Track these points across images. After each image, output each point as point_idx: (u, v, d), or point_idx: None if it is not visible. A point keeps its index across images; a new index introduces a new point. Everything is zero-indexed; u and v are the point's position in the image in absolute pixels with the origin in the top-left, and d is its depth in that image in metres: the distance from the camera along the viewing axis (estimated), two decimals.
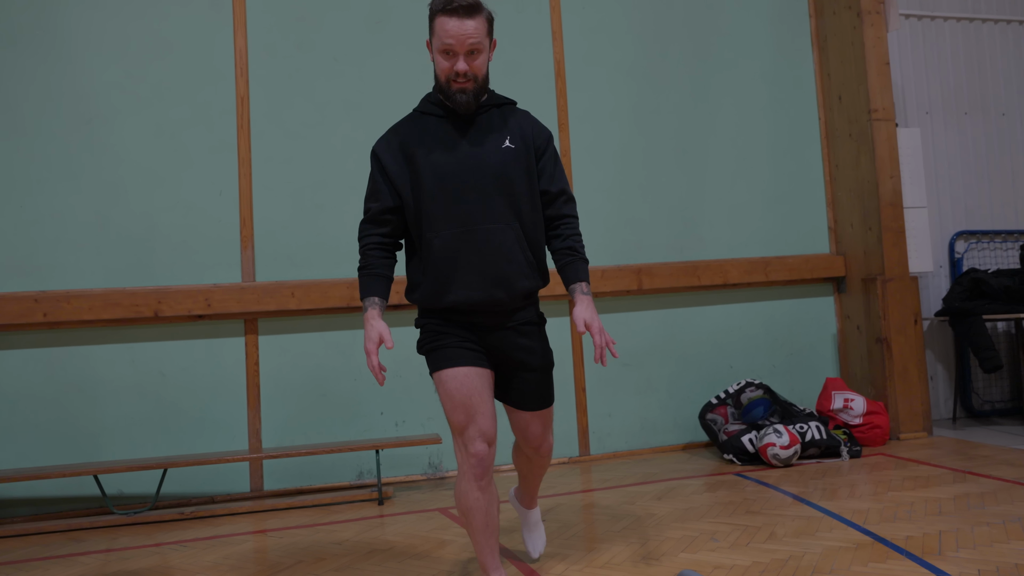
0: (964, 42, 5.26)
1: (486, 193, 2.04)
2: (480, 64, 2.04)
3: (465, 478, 2.03)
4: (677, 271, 4.41)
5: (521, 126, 2.13)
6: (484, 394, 2.08)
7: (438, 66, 2.04)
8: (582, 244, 2.17)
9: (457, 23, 1.98)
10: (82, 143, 3.70)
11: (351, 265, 3.96)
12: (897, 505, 2.96)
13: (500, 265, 2.05)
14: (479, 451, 2.01)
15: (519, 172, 2.08)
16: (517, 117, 2.15)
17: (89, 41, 3.74)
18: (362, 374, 3.97)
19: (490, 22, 2.06)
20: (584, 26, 4.45)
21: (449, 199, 2.04)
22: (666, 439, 4.43)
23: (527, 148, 2.11)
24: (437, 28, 2.01)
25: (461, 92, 2.04)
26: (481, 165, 2.05)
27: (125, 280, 3.71)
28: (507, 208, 2.06)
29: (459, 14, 1.98)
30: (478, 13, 2.01)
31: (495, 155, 2.07)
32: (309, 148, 4.00)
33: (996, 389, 5.10)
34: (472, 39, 2.00)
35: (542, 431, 2.24)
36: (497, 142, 2.08)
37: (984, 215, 5.21)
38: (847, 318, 4.67)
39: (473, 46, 2.00)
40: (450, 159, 2.05)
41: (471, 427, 2.02)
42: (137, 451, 3.65)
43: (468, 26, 1.98)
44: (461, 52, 2.00)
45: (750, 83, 4.72)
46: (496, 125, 2.11)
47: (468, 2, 1.99)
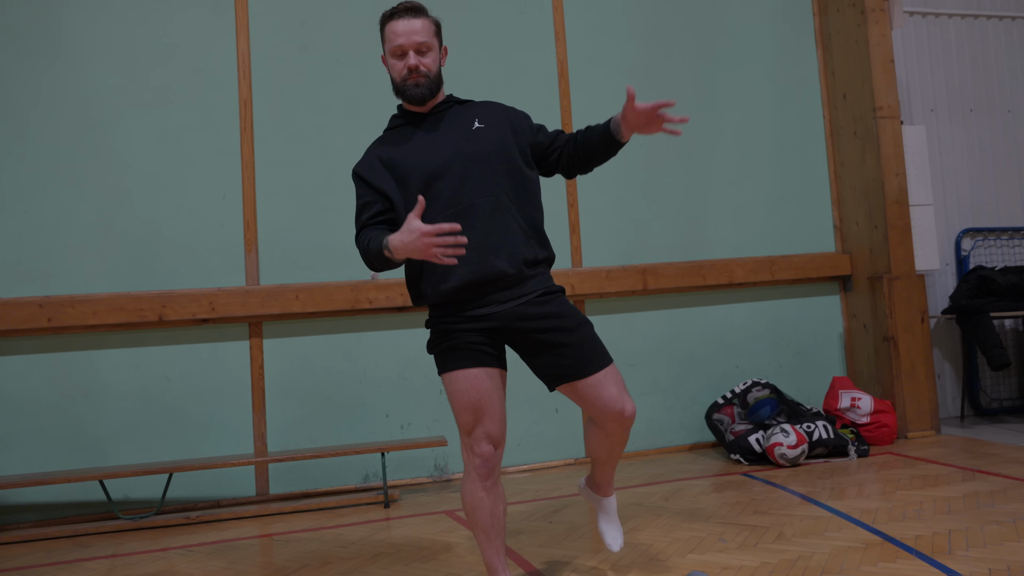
0: (969, 39, 5.24)
1: (465, 172, 2.06)
2: (431, 62, 2.10)
3: (471, 478, 2.04)
4: (682, 271, 4.39)
5: (492, 109, 2.19)
6: (492, 395, 2.05)
7: (392, 70, 2.12)
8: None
9: (404, 23, 2.07)
10: (86, 148, 3.71)
11: (355, 268, 3.98)
12: (906, 504, 2.94)
13: (495, 236, 2.01)
14: (484, 452, 2.02)
15: (494, 146, 2.10)
16: (483, 106, 2.21)
17: (93, 46, 3.75)
18: (367, 376, 3.97)
19: (437, 26, 2.14)
20: (587, 27, 4.44)
21: (431, 187, 2.05)
22: (672, 439, 4.41)
23: (498, 125, 2.14)
24: (387, 34, 2.10)
25: (415, 86, 2.09)
26: (456, 150, 2.09)
27: (130, 285, 3.71)
28: (489, 180, 2.06)
29: (405, 15, 2.09)
30: (423, 14, 2.11)
31: (466, 137, 2.11)
32: (312, 151, 4.00)
33: (1004, 387, 5.07)
34: (419, 35, 2.08)
35: (617, 392, 2.03)
36: (466, 126, 2.14)
37: (991, 212, 5.18)
38: (853, 317, 4.65)
39: (421, 44, 2.08)
40: (425, 152, 2.10)
41: (477, 428, 2.02)
42: (142, 456, 3.65)
43: (415, 24, 2.08)
44: (410, 48, 2.07)
45: (754, 82, 4.71)
46: (462, 114, 2.17)
47: (412, 4, 2.10)
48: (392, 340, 4.01)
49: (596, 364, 2.03)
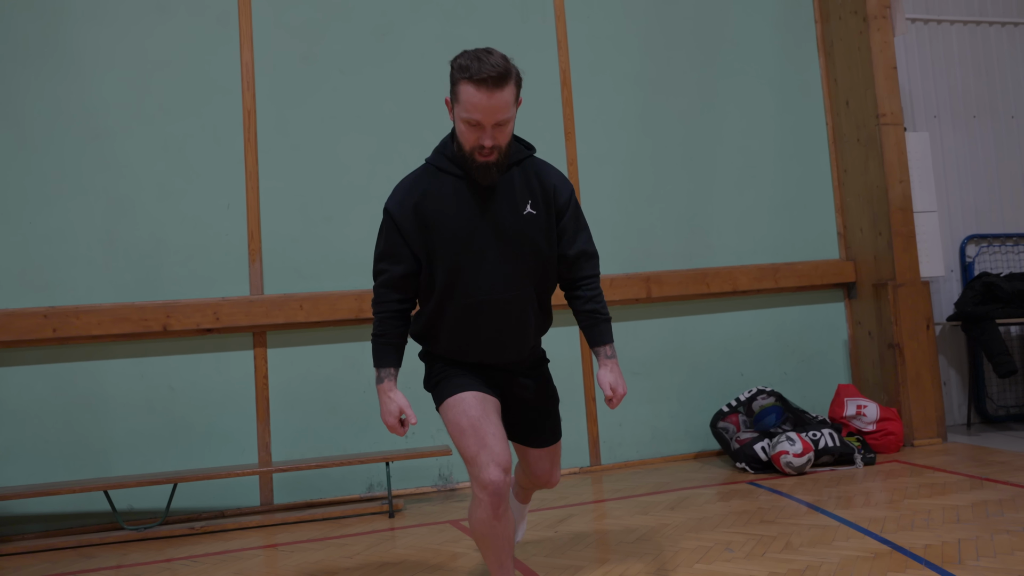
0: (971, 45, 5.24)
1: (504, 263, 1.98)
2: (506, 134, 1.91)
3: (481, 507, 1.91)
4: (686, 279, 4.39)
5: (543, 185, 2.02)
6: (493, 418, 2.02)
7: (461, 134, 1.91)
8: (604, 303, 2.12)
9: (485, 97, 1.81)
10: (91, 159, 3.72)
11: (359, 277, 3.98)
12: (914, 513, 2.92)
13: (509, 334, 2.06)
14: (495, 479, 1.88)
15: (539, 239, 2.01)
16: (539, 174, 2.04)
17: (96, 57, 3.76)
18: (371, 386, 3.95)
19: (519, 84, 1.90)
20: (590, 34, 4.45)
21: (466, 269, 1.97)
22: (677, 448, 4.39)
23: (548, 211, 2.02)
24: (461, 96, 1.85)
25: (485, 166, 1.91)
26: (500, 234, 1.97)
27: (134, 295, 3.71)
28: (525, 277, 2.01)
29: (487, 86, 1.81)
30: (507, 82, 1.84)
31: (516, 223, 1.98)
32: (316, 160, 4.01)
33: (1010, 394, 5.05)
34: (502, 113, 1.85)
35: (550, 467, 2.29)
36: (518, 208, 1.98)
37: (995, 219, 5.17)
38: (858, 324, 4.64)
39: (501, 118, 1.86)
40: (467, 226, 1.96)
41: (483, 453, 1.91)
42: (147, 466, 3.64)
43: (497, 99, 1.83)
44: (488, 125, 1.85)
45: (756, 89, 4.71)
46: (518, 187, 1.99)
47: (497, 71, 1.81)
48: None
49: (545, 441, 2.22)
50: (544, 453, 2.25)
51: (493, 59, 1.82)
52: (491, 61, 1.81)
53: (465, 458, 1.97)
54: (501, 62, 1.83)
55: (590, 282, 2.12)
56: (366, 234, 4.01)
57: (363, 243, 4.00)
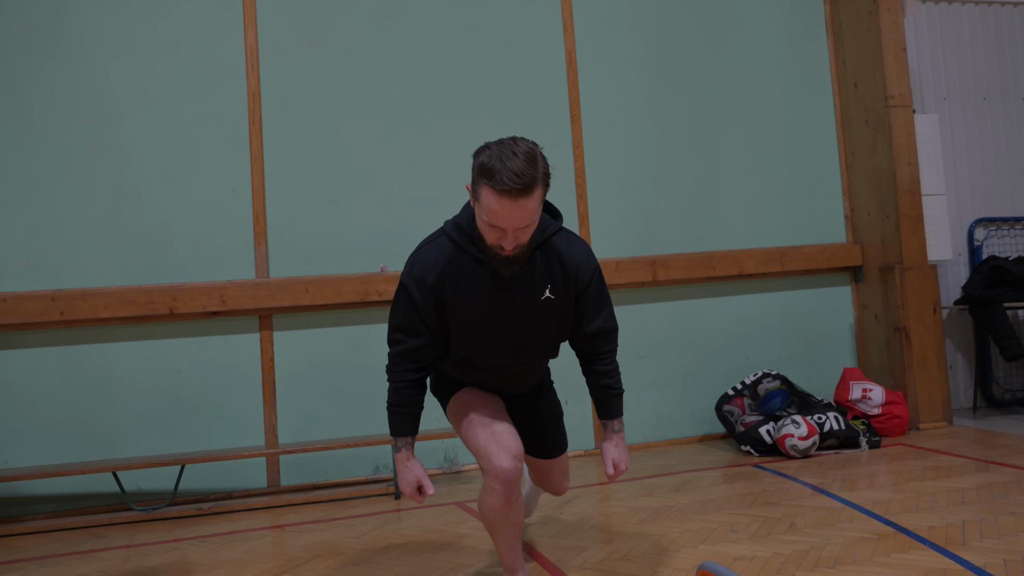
0: (982, 26, 5.18)
1: (517, 344, 1.98)
2: (529, 232, 1.79)
3: (493, 495, 1.90)
4: (692, 262, 4.37)
5: (564, 268, 1.94)
6: (502, 411, 2.05)
7: (481, 229, 1.80)
8: (618, 377, 2.12)
9: (508, 205, 1.68)
10: (96, 143, 3.72)
11: (364, 260, 3.99)
12: (919, 495, 2.92)
13: (519, 380, 2.14)
14: (506, 467, 1.87)
15: (555, 322, 1.99)
16: (561, 255, 1.94)
17: (100, 41, 3.75)
18: (377, 369, 3.97)
19: (546, 184, 1.75)
20: (595, 17, 4.41)
21: (478, 349, 1.97)
22: (683, 431, 4.40)
23: (567, 293, 1.97)
24: (482, 198, 1.72)
25: (506, 261, 1.82)
26: (516, 319, 1.94)
27: (140, 278, 3.72)
28: (535, 350, 2.04)
29: (511, 195, 1.67)
30: (533, 190, 1.69)
31: (533, 309, 1.94)
32: (321, 143, 4.00)
33: (1017, 378, 5.04)
34: (524, 221, 1.73)
35: (559, 478, 2.33)
36: (536, 293, 1.92)
37: (1004, 202, 5.13)
38: (864, 308, 4.62)
39: (527, 225, 1.76)
40: (484, 312, 1.92)
41: (493, 443, 1.90)
42: (154, 448, 3.67)
43: (522, 209, 1.70)
44: (510, 230, 1.74)
45: (763, 72, 4.67)
46: (538, 271, 1.92)
47: (524, 181, 1.66)
48: None
49: (554, 452, 2.27)
50: (553, 464, 2.29)
51: (518, 164, 1.66)
52: (516, 168, 1.66)
53: (474, 449, 1.95)
54: (527, 168, 1.67)
55: (606, 357, 2.10)
56: (371, 217, 4.02)
57: (368, 226, 4.01)
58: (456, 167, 4.16)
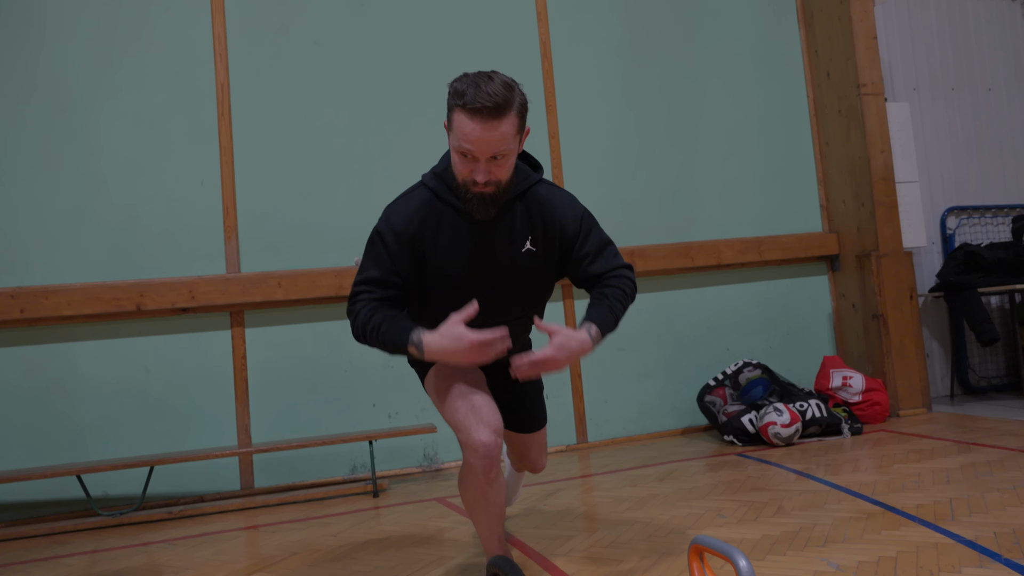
0: (949, 17, 5.24)
1: (496, 301, 1.88)
2: (504, 168, 1.70)
3: (472, 471, 1.83)
4: (671, 252, 4.35)
5: (545, 219, 1.85)
6: (481, 383, 1.97)
7: (454, 164, 1.73)
8: (620, 295, 1.87)
9: (479, 128, 1.61)
10: (58, 133, 3.58)
11: (338, 254, 3.89)
12: (904, 476, 2.90)
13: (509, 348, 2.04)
14: (485, 440, 1.79)
15: (536, 276, 1.90)
16: (542, 206, 1.85)
17: (66, 28, 3.62)
18: (353, 365, 3.88)
19: (522, 114, 1.68)
20: (568, 5, 4.38)
21: (456, 304, 1.84)
22: (664, 424, 4.36)
23: (550, 247, 1.88)
24: (455, 124, 1.66)
25: (479, 199, 1.72)
26: (495, 273, 1.85)
27: (106, 274, 3.59)
28: (516, 310, 1.94)
29: (482, 116, 1.60)
30: (507, 112, 1.63)
31: (513, 261, 1.85)
32: (293, 134, 3.90)
33: (991, 365, 5.08)
34: (497, 145, 1.64)
35: (537, 453, 2.30)
36: (516, 244, 1.83)
37: (974, 190, 5.19)
38: (842, 296, 4.63)
39: (498, 152, 1.66)
40: (461, 265, 1.83)
41: (472, 416, 1.83)
42: (122, 450, 3.53)
43: (493, 132, 1.62)
44: (482, 158, 1.66)
45: (738, 61, 4.68)
46: (518, 222, 1.83)
47: (496, 100, 1.60)
48: None
49: (533, 427, 2.23)
50: (531, 439, 2.26)
51: (492, 86, 1.61)
52: (489, 89, 1.61)
53: (453, 423, 1.88)
54: (500, 90, 1.62)
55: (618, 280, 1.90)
56: (344, 209, 3.93)
57: (342, 219, 3.92)
58: (431, 157, 4.09)
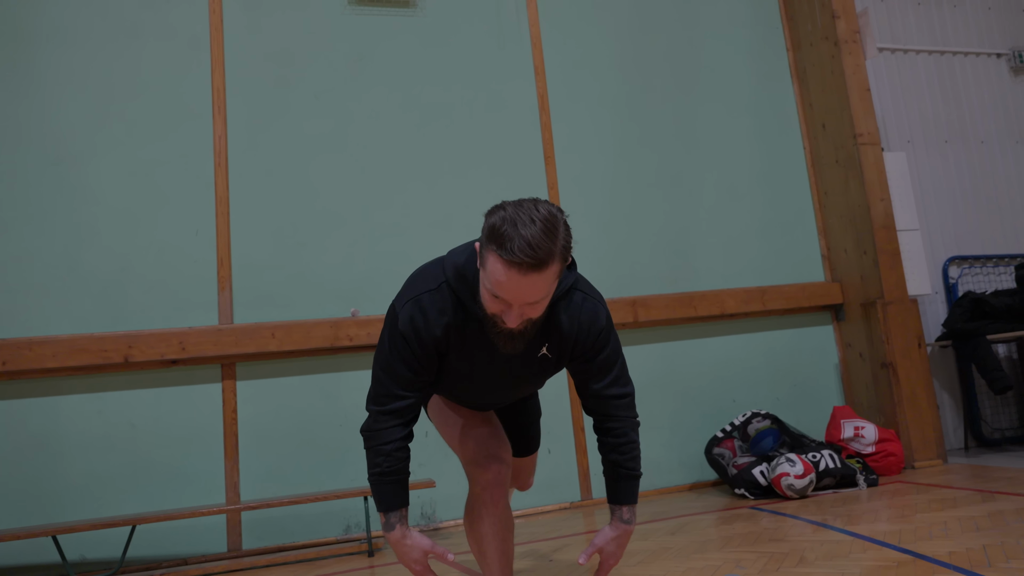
0: (938, 74, 5.35)
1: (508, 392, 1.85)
2: (540, 309, 1.52)
3: (480, 503, 1.74)
4: (673, 302, 4.27)
5: (562, 332, 1.69)
6: (490, 413, 1.91)
7: (483, 297, 1.53)
8: (633, 454, 1.77)
9: (517, 280, 1.41)
10: (52, 184, 3.55)
11: (335, 305, 3.81)
12: (930, 525, 2.74)
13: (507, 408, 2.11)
14: (494, 471, 1.71)
15: (549, 373, 1.80)
16: (561, 320, 1.68)
17: (63, 80, 3.64)
18: (348, 419, 3.73)
19: (564, 257, 1.47)
20: (566, 61, 4.45)
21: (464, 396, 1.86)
22: (671, 479, 4.19)
23: (562, 353, 1.74)
24: (488, 264, 1.45)
25: (508, 336, 1.55)
26: (508, 373, 1.76)
27: (94, 326, 3.49)
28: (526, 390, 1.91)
29: (521, 269, 1.40)
30: (548, 265, 1.42)
31: (527, 366, 1.74)
32: (290, 185, 3.88)
33: (1004, 416, 4.95)
34: (533, 297, 1.46)
35: (527, 475, 2.35)
36: (533, 351, 1.70)
37: (974, 241, 5.17)
38: (848, 346, 4.54)
39: (534, 301, 1.48)
40: (479, 368, 1.73)
41: (479, 447, 1.76)
42: (103, 511, 3.35)
43: (532, 285, 1.43)
44: (515, 304, 1.48)
45: (734, 116, 4.72)
46: (541, 331, 1.68)
47: (537, 256, 1.39)
48: None
49: (531, 449, 2.23)
50: (525, 462, 2.26)
51: (533, 233, 1.38)
52: (531, 238, 1.38)
53: (461, 454, 1.80)
54: (542, 240, 1.38)
55: (618, 428, 1.76)
56: (342, 260, 3.87)
57: (339, 269, 3.85)
58: (428, 210, 4.07)
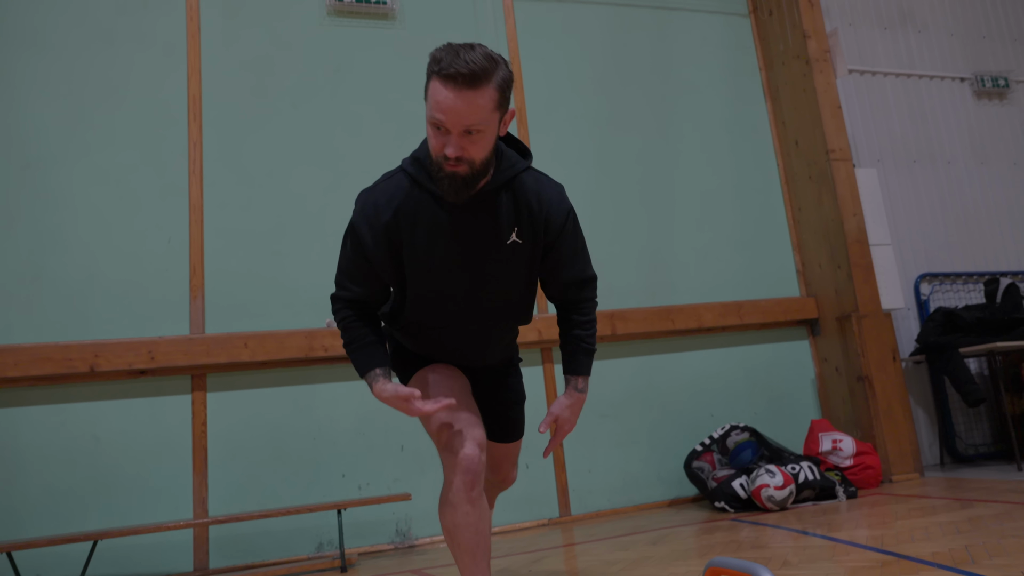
0: (905, 96, 5.48)
1: (480, 296, 1.78)
2: (479, 147, 1.56)
3: (453, 489, 1.69)
4: (651, 315, 4.26)
5: (532, 209, 1.72)
6: (467, 393, 1.86)
7: (428, 139, 1.61)
8: (593, 331, 1.88)
9: (452, 96, 1.49)
10: (19, 187, 3.47)
11: (311, 315, 3.74)
12: (911, 529, 2.73)
13: (484, 351, 1.96)
14: (470, 454, 1.68)
15: (521, 269, 1.78)
16: (529, 195, 1.72)
17: (34, 85, 3.58)
18: (321, 432, 3.65)
19: (502, 90, 1.56)
20: (545, 74, 4.48)
21: (439, 305, 1.77)
22: (651, 495, 4.14)
23: (535, 239, 1.75)
24: (429, 92, 1.54)
25: (451, 179, 1.58)
26: (478, 267, 1.73)
27: (59, 335, 3.38)
28: (502, 307, 1.83)
29: (457, 83, 1.48)
30: (483, 82, 1.50)
31: (498, 254, 1.73)
32: (265, 194, 3.83)
33: (977, 432, 4.99)
34: (469, 118, 1.51)
35: (511, 465, 2.22)
36: (502, 237, 1.71)
37: (944, 258, 5.26)
38: (824, 361, 4.56)
39: (472, 126, 1.53)
40: (443, 260, 1.71)
41: (455, 429, 1.72)
42: (64, 527, 3.21)
43: (466, 100, 1.49)
44: (454, 131, 1.53)
45: (709, 132, 4.79)
46: (504, 211, 1.70)
47: (472, 68, 1.49)
48: (349, 392, 3.72)
49: (513, 436, 2.13)
50: (508, 449, 2.17)
51: (472, 55, 1.51)
52: (468, 56, 1.50)
53: (436, 436, 1.76)
54: (480, 60, 1.51)
55: (584, 307, 1.89)
56: (317, 269, 3.81)
57: (314, 278, 3.79)
58: None
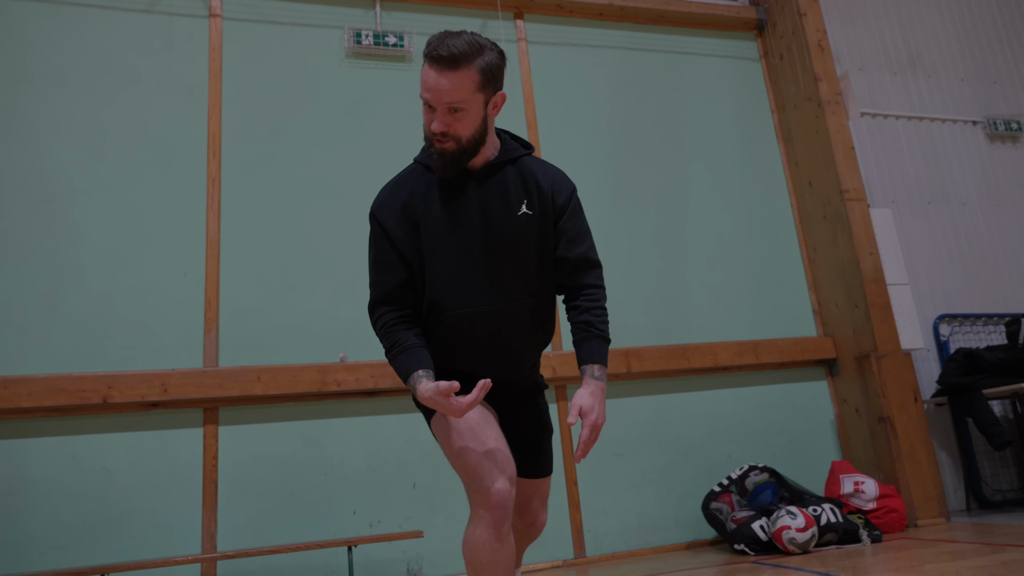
0: (918, 139, 5.50)
1: (498, 271, 1.80)
2: (464, 124, 1.71)
3: (481, 525, 1.63)
4: (666, 353, 4.22)
5: (540, 184, 1.84)
6: (494, 424, 1.80)
7: (424, 115, 1.77)
8: (604, 319, 1.86)
9: (435, 75, 1.67)
10: (40, 222, 3.52)
11: (323, 351, 3.73)
12: (942, 574, 2.63)
13: (512, 348, 1.87)
14: (500, 489, 1.61)
15: (534, 243, 1.82)
16: (536, 172, 1.86)
17: (55, 123, 3.66)
18: (333, 468, 3.60)
19: (485, 73, 1.70)
20: (557, 117, 4.54)
21: (456, 278, 1.78)
22: (668, 537, 4.03)
23: (544, 212, 1.83)
24: (422, 73, 1.72)
25: (439, 154, 1.73)
26: (492, 237, 1.79)
27: (73, 367, 3.38)
28: (521, 285, 1.82)
29: (439, 64, 1.67)
30: (463, 64, 1.67)
31: (509, 225, 1.80)
32: (282, 230, 3.87)
33: (1004, 478, 4.85)
34: (450, 95, 1.68)
35: (540, 505, 2.07)
36: (512, 208, 1.80)
37: (962, 299, 5.20)
38: (844, 402, 4.48)
39: (453, 104, 1.69)
40: (457, 231, 1.78)
41: (485, 462, 1.66)
42: (72, 560, 3.16)
43: (448, 80, 1.67)
44: (439, 108, 1.70)
45: (722, 173, 4.81)
46: (512, 185, 1.82)
47: (453, 52, 1.65)
48: (361, 428, 3.69)
49: (540, 473, 2.03)
50: (537, 486, 2.04)
51: (456, 40, 1.67)
52: (451, 41, 1.66)
53: (462, 470, 1.69)
54: (463, 45, 1.66)
55: (591, 292, 1.87)
56: (331, 305, 3.82)
57: (328, 314, 3.80)
58: None
